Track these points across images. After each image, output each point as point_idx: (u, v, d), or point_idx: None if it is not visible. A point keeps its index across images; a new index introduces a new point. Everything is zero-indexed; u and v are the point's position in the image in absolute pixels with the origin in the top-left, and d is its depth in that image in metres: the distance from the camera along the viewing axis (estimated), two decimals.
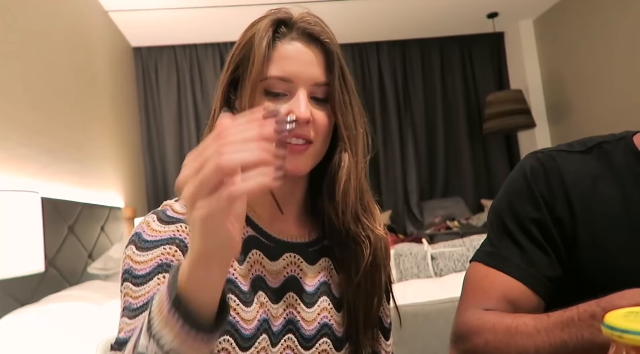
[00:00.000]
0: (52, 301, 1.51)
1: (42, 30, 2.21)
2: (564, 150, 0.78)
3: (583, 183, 0.73)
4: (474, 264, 0.78)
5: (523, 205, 0.74)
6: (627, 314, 0.36)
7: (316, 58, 0.69)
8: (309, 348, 0.72)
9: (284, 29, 0.69)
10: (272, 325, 0.70)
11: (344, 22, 4.05)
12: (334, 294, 0.76)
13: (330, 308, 0.75)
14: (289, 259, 0.74)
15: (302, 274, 0.74)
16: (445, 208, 4.28)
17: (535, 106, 4.30)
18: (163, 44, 4.12)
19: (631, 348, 0.33)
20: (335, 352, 0.74)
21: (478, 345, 0.66)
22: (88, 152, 2.63)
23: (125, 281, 0.64)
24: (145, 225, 0.68)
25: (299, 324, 0.72)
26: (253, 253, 0.71)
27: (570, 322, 0.58)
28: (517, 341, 0.62)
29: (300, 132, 0.67)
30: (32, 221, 1.36)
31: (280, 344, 0.71)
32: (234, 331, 0.66)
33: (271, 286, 0.71)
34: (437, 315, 1.17)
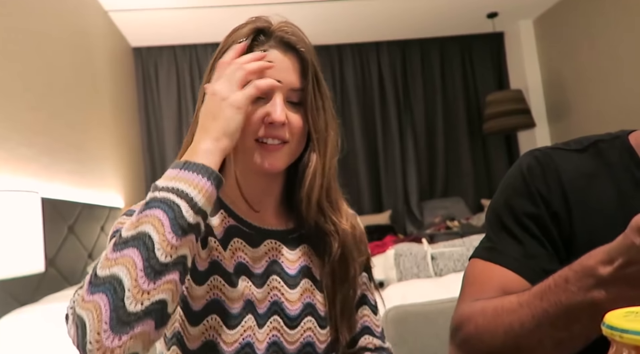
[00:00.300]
0: (52, 301, 1.51)
1: (42, 30, 2.21)
2: (561, 148, 0.78)
3: (580, 181, 0.74)
4: (472, 260, 0.78)
5: (520, 201, 0.75)
6: (627, 314, 0.36)
7: (292, 65, 0.75)
8: (294, 327, 0.77)
9: (263, 38, 0.74)
10: (257, 307, 0.74)
11: (344, 22, 4.05)
12: (315, 277, 0.81)
13: (312, 289, 0.80)
14: (269, 245, 0.79)
15: (284, 258, 0.79)
16: (445, 208, 4.28)
17: (535, 105, 4.31)
18: (163, 44, 4.12)
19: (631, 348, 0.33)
20: (320, 330, 0.78)
21: (470, 331, 0.67)
22: (88, 152, 2.63)
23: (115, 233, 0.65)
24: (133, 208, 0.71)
25: (283, 305, 0.76)
26: (235, 241, 0.76)
27: (547, 290, 0.58)
28: (503, 319, 0.62)
29: (276, 133, 0.73)
30: (32, 221, 1.36)
31: (266, 326, 0.75)
32: (220, 309, 0.70)
33: (254, 272, 0.76)
34: (437, 315, 1.17)
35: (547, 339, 0.58)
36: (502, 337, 0.62)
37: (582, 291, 0.54)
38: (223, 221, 0.77)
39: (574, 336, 0.57)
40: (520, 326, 0.60)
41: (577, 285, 0.54)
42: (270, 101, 0.73)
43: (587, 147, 0.77)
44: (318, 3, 3.63)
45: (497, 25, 4.34)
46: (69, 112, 2.42)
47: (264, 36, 0.74)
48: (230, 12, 3.49)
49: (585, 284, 0.54)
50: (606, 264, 0.52)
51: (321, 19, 3.94)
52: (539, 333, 0.59)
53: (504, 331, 0.62)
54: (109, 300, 0.53)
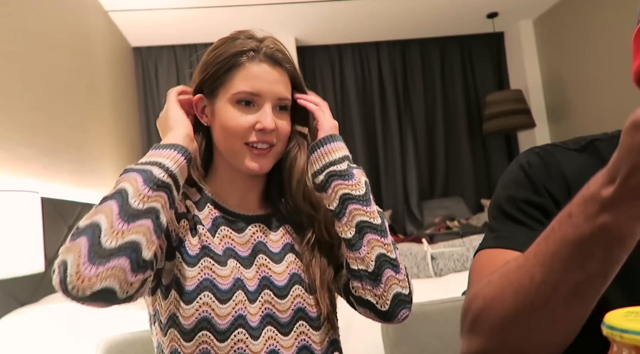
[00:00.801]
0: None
1: (42, 30, 2.21)
2: (560, 146, 0.77)
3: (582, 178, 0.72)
4: (477, 255, 0.73)
5: (523, 192, 0.72)
6: (627, 314, 0.36)
7: (280, 77, 0.84)
8: (285, 297, 0.83)
9: (253, 53, 0.83)
10: (248, 285, 0.81)
11: (344, 22, 4.05)
12: (298, 252, 0.89)
13: (297, 261, 0.87)
14: (254, 228, 0.87)
15: (268, 239, 0.88)
16: (445, 208, 4.28)
17: (535, 106, 4.30)
18: (163, 44, 4.12)
19: (631, 347, 0.33)
20: (309, 295, 0.85)
21: (478, 308, 0.60)
22: (88, 152, 2.63)
23: None
24: None
25: (271, 278, 0.84)
26: (222, 229, 0.84)
27: (551, 232, 0.52)
28: (509, 279, 0.56)
29: (265, 138, 0.82)
30: (32, 221, 1.36)
31: (258, 301, 0.81)
32: (212, 286, 0.77)
33: (242, 255, 0.84)
34: (437, 315, 1.17)
35: (562, 287, 0.51)
36: (513, 299, 0.55)
37: (589, 220, 0.47)
38: (210, 212, 0.85)
39: (591, 277, 0.50)
40: (530, 280, 0.53)
41: (583, 216, 0.48)
42: (261, 110, 0.82)
43: (585, 146, 0.76)
44: (318, 3, 3.63)
45: (497, 25, 4.34)
46: (68, 112, 2.42)
47: (254, 52, 0.83)
48: (230, 12, 3.49)
49: (591, 212, 0.47)
50: (608, 184, 0.46)
51: (321, 19, 3.94)
52: (551, 282, 0.51)
53: (513, 292, 0.55)
54: (88, 240, 0.62)
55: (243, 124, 0.81)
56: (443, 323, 1.16)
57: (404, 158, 4.57)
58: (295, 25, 4.00)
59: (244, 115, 0.81)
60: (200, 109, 0.87)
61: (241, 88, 0.81)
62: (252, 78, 0.82)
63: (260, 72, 0.82)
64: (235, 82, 0.82)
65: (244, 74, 0.82)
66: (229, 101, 0.82)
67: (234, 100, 0.82)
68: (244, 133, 0.81)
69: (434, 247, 2.29)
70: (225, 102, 0.82)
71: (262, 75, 0.82)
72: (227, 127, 0.82)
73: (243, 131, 0.81)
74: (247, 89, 0.81)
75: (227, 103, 0.82)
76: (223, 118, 0.82)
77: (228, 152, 0.84)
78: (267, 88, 0.82)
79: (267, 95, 0.82)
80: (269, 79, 0.82)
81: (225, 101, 0.82)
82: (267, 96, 0.82)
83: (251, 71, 0.82)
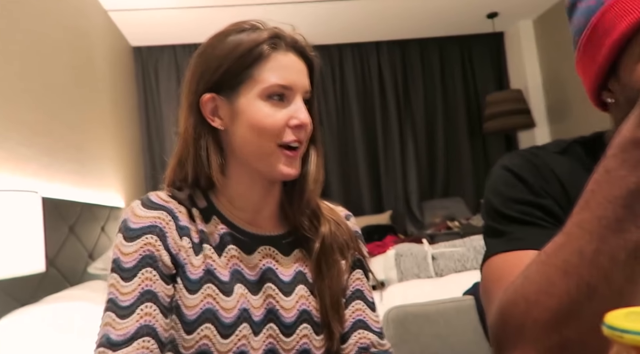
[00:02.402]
0: (53, 301, 1.51)
1: (42, 30, 2.21)
2: (542, 149, 0.73)
3: (573, 179, 0.67)
4: (487, 262, 0.66)
5: (518, 193, 0.67)
6: (627, 314, 0.36)
7: (305, 68, 0.77)
8: (290, 335, 0.76)
9: (276, 41, 0.75)
10: (253, 315, 0.74)
11: (344, 22, 4.05)
12: (310, 282, 0.80)
13: (307, 295, 0.79)
14: (264, 252, 0.78)
15: (278, 265, 0.79)
16: (445, 208, 4.28)
17: (535, 106, 4.31)
18: (163, 43, 4.12)
19: (632, 348, 0.33)
20: (316, 336, 0.78)
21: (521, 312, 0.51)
22: (88, 152, 2.63)
23: (113, 272, 0.70)
24: (130, 211, 0.73)
25: (278, 312, 0.76)
26: (229, 249, 0.76)
27: (591, 197, 0.45)
28: (555, 264, 0.47)
29: (299, 136, 0.74)
30: (33, 221, 1.36)
31: (262, 334, 0.75)
32: (214, 318, 0.71)
33: (249, 279, 0.76)
34: (437, 315, 1.17)
35: (620, 253, 0.44)
36: (565, 285, 0.46)
37: (634, 169, 0.42)
38: (217, 227, 0.77)
39: None
40: (579, 256, 0.45)
41: (625, 165, 0.42)
42: (292, 103, 0.74)
43: (565, 149, 0.72)
44: (318, 3, 3.63)
45: (497, 25, 4.34)
46: (69, 112, 2.42)
47: (277, 39, 0.75)
48: (230, 12, 3.49)
49: (634, 159, 0.42)
50: None
51: (321, 19, 3.94)
52: (606, 251, 0.44)
53: (562, 276, 0.46)
54: None
55: (279, 121, 0.72)
56: (443, 323, 1.16)
57: (404, 158, 4.57)
58: (295, 25, 3.99)
59: (279, 111, 0.73)
60: (209, 111, 0.76)
61: (273, 81, 0.72)
62: (283, 69, 0.73)
63: (289, 62, 0.74)
64: (264, 74, 0.73)
65: (273, 66, 0.73)
66: (258, 96, 0.73)
67: (264, 95, 0.73)
68: (280, 130, 0.72)
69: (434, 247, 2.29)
70: (254, 99, 0.73)
71: (292, 66, 0.74)
72: (261, 126, 0.72)
73: (278, 127, 0.72)
74: (279, 81, 0.72)
75: (257, 99, 0.73)
76: (254, 116, 0.73)
77: (257, 156, 0.74)
78: (297, 79, 0.74)
79: (299, 87, 0.74)
80: (298, 69, 0.75)
81: (254, 97, 0.73)
82: (298, 88, 0.74)
83: (281, 61, 0.74)
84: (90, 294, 1.64)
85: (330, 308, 0.78)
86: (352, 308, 0.83)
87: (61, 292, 1.69)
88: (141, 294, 0.67)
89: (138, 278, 0.68)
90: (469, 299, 1.20)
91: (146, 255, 0.70)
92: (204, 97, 0.75)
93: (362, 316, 0.83)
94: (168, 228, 0.72)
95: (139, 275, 0.68)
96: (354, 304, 0.84)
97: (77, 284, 2.00)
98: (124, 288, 0.68)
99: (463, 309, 1.17)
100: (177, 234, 0.73)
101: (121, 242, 0.71)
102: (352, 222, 0.88)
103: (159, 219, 0.72)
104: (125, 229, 0.71)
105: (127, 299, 0.67)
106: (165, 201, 0.75)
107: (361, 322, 0.82)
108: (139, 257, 0.69)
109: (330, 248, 0.80)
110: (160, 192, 0.77)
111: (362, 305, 0.84)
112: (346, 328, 0.82)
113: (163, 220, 0.72)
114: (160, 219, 0.72)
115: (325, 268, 0.79)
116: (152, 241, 0.70)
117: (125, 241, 0.71)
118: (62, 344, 1.21)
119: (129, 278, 0.68)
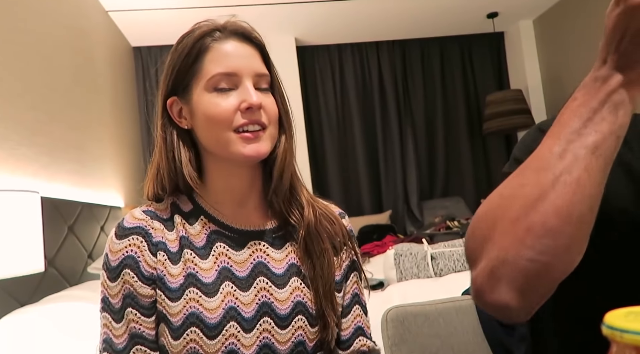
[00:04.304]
0: (52, 301, 1.51)
1: (42, 30, 2.21)
2: None
3: None
4: None
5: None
6: (627, 314, 0.36)
7: (253, 52, 0.77)
8: (285, 327, 0.76)
9: (218, 33, 0.77)
10: (243, 312, 0.74)
11: (344, 22, 4.05)
12: (305, 274, 0.80)
13: (302, 287, 0.79)
14: (254, 247, 0.79)
15: (269, 258, 0.79)
16: (445, 208, 4.28)
17: (535, 106, 4.30)
18: (163, 44, 4.11)
19: (632, 348, 0.33)
20: (310, 328, 0.78)
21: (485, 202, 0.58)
22: (88, 152, 2.63)
23: (104, 311, 0.75)
24: (108, 244, 0.75)
25: (273, 305, 0.76)
26: (217, 246, 0.77)
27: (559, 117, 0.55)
28: (528, 163, 0.55)
29: (255, 118, 0.73)
30: (32, 221, 1.36)
31: (255, 329, 0.74)
32: (198, 321, 0.71)
33: (239, 275, 0.76)
34: (437, 315, 1.17)
35: (581, 151, 0.52)
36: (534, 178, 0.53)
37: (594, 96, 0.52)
38: (204, 227, 0.78)
39: (605, 135, 0.52)
40: (549, 151, 0.53)
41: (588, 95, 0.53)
42: (239, 88, 0.74)
43: None
44: (318, 3, 3.63)
45: (497, 25, 4.34)
46: (69, 112, 2.42)
47: (219, 32, 0.77)
48: (230, 12, 3.48)
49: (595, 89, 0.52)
50: (602, 65, 0.52)
51: (321, 19, 3.94)
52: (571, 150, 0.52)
53: (535, 169, 0.54)
54: None
55: (227, 108, 0.72)
56: (443, 323, 1.16)
57: (404, 158, 4.57)
58: (295, 25, 4.00)
59: (225, 99, 0.73)
60: (176, 113, 0.78)
61: (215, 71, 0.73)
62: (224, 57, 0.74)
63: (230, 49, 0.74)
64: (207, 67, 0.74)
65: (213, 56, 0.74)
66: (204, 89, 0.74)
67: (210, 87, 0.73)
68: (230, 117, 0.72)
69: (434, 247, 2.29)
70: (201, 93, 0.74)
71: (234, 52, 0.74)
72: (210, 116, 0.73)
73: (228, 114, 0.72)
74: (221, 70, 0.73)
75: (204, 92, 0.74)
76: (203, 109, 0.73)
77: (218, 146, 0.74)
78: (242, 64, 0.74)
79: (245, 72, 0.74)
80: (242, 54, 0.75)
81: (201, 90, 0.74)
82: (244, 72, 0.74)
83: (221, 50, 0.74)
84: (89, 294, 1.64)
85: (323, 297, 0.79)
86: (352, 314, 0.85)
87: (60, 292, 1.69)
88: (130, 337, 0.73)
89: (125, 319, 0.73)
90: (468, 299, 1.20)
91: (127, 295, 0.73)
92: (168, 101, 0.78)
93: (361, 323, 0.86)
94: (140, 253, 0.73)
95: (125, 317, 0.73)
96: (354, 309, 0.86)
97: (77, 284, 2.00)
98: (117, 330, 0.73)
99: (463, 309, 1.17)
100: (150, 253, 0.74)
101: (105, 281, 0.75)
102: (346, 220, 0.88)
103: (130, 247, 0.74)
104: (108, 268, 0.74)
105: (122, 342, 0.73)
106: (138, 219, 0.76)
107: (360, 329, 0.85)
108: (122, 297, 0.73)
109: (316, 235, 0.80)
110: (136, 211, 0.78)
111: (360, 311, 0.86)
112: (348, 334, 0.84)
113: (135, 245, 0.74)
114: (132, 246, 0.74)
115: (315, 255, 0.79)
116: (128, 278, 0.73)
117: (109, 281, 0.74)
118: (62, 344, 1.21)
119: (119, 320, 0.73)
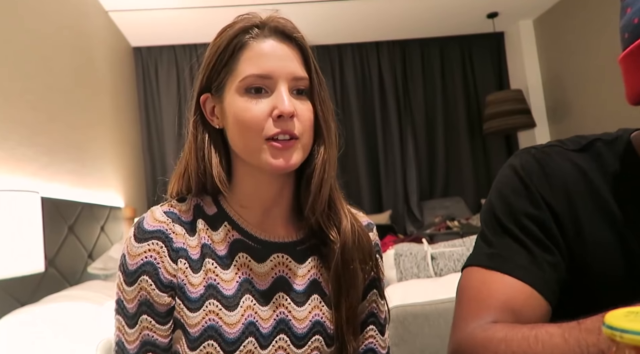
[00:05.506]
0: (52, 301, 1.51)
1: (42, 30, 2.21)
2: (558, 146, 0.72)
3: (581, 182, 0.67)
4: (469, 269, 0.68)
5: (520, 201, 0.67)
6: (627, 314, 0.36)
7: (292, 53, 0.71)
8: (302, 346, 0.73)
9: (257, 30, 0.71)
10: (261, 327, 0.71)
11: (344, 22, 4.05)
12: (325, 292, 0.76)
13: (322, 306, 0.76)
14: (276, 260, 0.75)
15: (291, 273, 0.75)
16: (445, 208, 4.28)
17: (535, 106, 4.30)
18: (163, 44, 4.12)
19: (632, 348, 0.33)
20: (327, 349, 0.75)
21: None
22: (88, 152, 2.63)
23: (118, 314, 0.72)
24: (127, 245, 0.71)
25: (290, 323, 0.73)
26: (240, 256, 0.73)
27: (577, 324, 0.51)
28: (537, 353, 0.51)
29: (285, 127, 0.67)
30: (32, 221, 1.35)
31: (271, 346, 0.71)
32: (217, 335, 0.68)
33: (259, 289, 0.73)
34: (437, 315, 1.17)
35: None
36: None
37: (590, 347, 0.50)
38: (227, 234, 0.73)
39: None
40: None
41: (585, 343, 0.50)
42: (274, 92, 0.68)
43: (585, 146, 0.71)
44: (318, 3, 3.63)
45: (497, 25, 4.34)
46: (69, 112, 2.42)
47: (257, 29, 0.71)
48: (230, 12, 3.45)
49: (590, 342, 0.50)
50: None
51: (321, 19, 3.94)
52: None
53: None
54: None
55: (257, 114, 0.67)
56: (443, 323, 1.16)
57: (404, 158, 4.56)
58: (295, 25, 3.99)
59: (257, 103, 0.67)
60: (209, 111, 0.74)
61: (248, 72, 0.68)
62: (259, 57, 0.68)
63: (267, 49, 0.69)
64: (241, 66, 0.69)
65: (249, 55, 0.69)
66: (237, 90, 0.69)
67: (242, 88, 0.69)
68: (260, 124, 0.67)
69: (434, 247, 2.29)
70: (233, 94, 0.69)
71: (271, 52, 0.69)
72: (240, 121, 0.68)
73: (258, 121, 0.67)
74: (254, 71, 0.68)
75: (235, 94, 0.69)
76: (234, 112, 0.69)
77: (246, 151, 0.70)
78: (278, 66, 0.68)
79: (280, 74, 0.68)
80: (279, 55, 0.69)
81: (233, 91, 0.69)
82: (279, 75, 0.68)
83: (257, 50, 0.69)
84: (89, 294, 1.64)
85: (345, 322, 0.75)
86: (365, 334, 0.82)
87: (61, 292, 1.69)
88: (142, 344, 0.70)
89: (138, 326, 0.70)
90: None
91: (142, 301, 0.70)
92: (202, 97, 0.74)
93: (374, 344, 0.82)
94: (160, 259, 0.69)
95: (139, 323, 0.70)
96: (368, 329, 0.82)
97: (77, 284, 2.00)
98: (130, 335, 0.71)
99: None
100: (170, 259, 0.69)
101: (122, 283, 0.71)
102: (373, 233, 0.83)
103: (149, 252, 0.69)
104: (125, 271, 0.70)
105: (134, 349, 0.70)
106: (159, 222, 0.70)
107: (371, 351, 0.82)
108: (138, 303, 0.70)
109: (350, 255, 0.75)
110: (156, 210, 0.72)
111: (374, 331, 0.83)
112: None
113: (154, 251, 0.69)
114: (152, 252, 0.69)
115: (344, 279, 0.74)
116: (145, 285, 0.69)
117: (125, 285, 0.70)
118: (62, 344, 1.21)
119: (132, 326, 0.71)
